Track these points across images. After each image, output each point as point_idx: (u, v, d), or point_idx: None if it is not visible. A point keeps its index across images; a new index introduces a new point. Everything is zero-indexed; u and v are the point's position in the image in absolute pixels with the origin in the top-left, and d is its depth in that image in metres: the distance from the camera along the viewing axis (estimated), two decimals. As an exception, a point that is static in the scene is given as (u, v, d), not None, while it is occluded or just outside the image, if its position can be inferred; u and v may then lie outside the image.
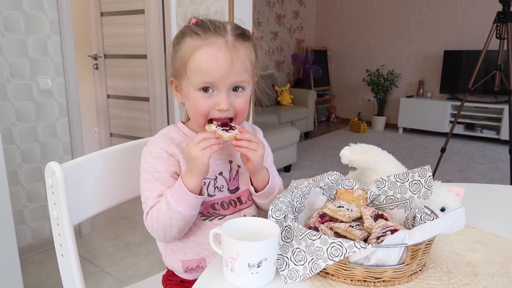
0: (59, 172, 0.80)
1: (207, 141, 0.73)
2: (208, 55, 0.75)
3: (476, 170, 3.79)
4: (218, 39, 0.75)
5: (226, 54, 0.75)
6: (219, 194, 0.84)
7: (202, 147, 0.72)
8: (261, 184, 0.83)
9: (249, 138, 0.76)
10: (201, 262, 0.85)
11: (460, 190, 0.79)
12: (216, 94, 0.77)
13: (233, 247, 0.58)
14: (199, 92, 0.78)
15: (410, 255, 0.57)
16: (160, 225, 0.77)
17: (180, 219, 0.76)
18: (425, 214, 0.65)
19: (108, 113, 3.33)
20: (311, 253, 0.60)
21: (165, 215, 0.76)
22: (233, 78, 0.76)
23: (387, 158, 0.87)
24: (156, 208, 0.78)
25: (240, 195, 0.86)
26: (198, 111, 0.79)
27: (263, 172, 0.82)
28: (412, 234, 0.56)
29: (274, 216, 0.66)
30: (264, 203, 0.86)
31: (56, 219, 0.83)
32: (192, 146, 0.73)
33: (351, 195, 0.78)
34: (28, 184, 2.12)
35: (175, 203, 0.74)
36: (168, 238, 0.80)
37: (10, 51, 1.98)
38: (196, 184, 0.75)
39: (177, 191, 0.75)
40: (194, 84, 0.77)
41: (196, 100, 0.78)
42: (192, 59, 0.76)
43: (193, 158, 0.73)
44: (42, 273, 1.98)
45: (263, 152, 0.78)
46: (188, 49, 0.77)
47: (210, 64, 0.75)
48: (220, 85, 0.76)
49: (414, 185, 0.75)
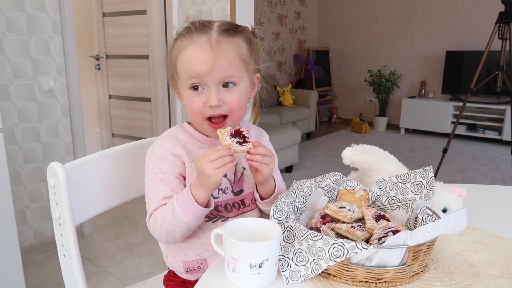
0: (61, 172, 0.80)
1: (221, 160, 0.71)
2: (191, 53, 0.77)
3: (478, 171, 3.78)
4: (201, 37, 0.77)
5: (208, 50, 0.76)
6: (223, 196, 0.84)
7: (216, 166, 0.70)
8: (267, 193, 0.83)
9: (263, 152, 0.75)
10: (203, 263, 0.85)
11: (462, 191, 0.79)
12: (206, 91, 0.78)
13: (235, 248, 0.58)
14: (190, 90, 0.79)
15: (412, 256, 0.57)
16: (163, 230, 0.78)
17: (185, 227, 0.76)
18: (426, 215, 0.65)
19: (110, 114, 3.33)
20: (313, 253, 0.60)
21: (170, 222, 0.76)
22: (219, 74, 0.77)
23: (389, 159, 0.87)
24: (160, 213, 0.78)
25: (244, 197, 0.86)
26: (192, 110, 0.80)
27: (270, 181, 0.83)
28: (414, 235, 0.56)
29: (276, 217, 0.66)
30: (268, 209, 0.85)
31: (58, 219, 0.83)
32: (206, 164, 0.71)
33: (353, 196, 0.78)
34: (30, 184, 2.13)
35: (182, 212, 0.74)
36: (170, 241, 0.81)
37: (12, 51, 1.98)
38: (205, 197, 0.74)
39: (185, 201, 0.75)
40: (184, 83, 0.79)
41: (189, 99, 0.80)
42: (179, 59, 0.79)
43: (206, 176, 0.71)
44: (44, 273, 1.99)
45: (274, 165, 0.78)
46: (176, 51, 0.80)
47: (194, 61, 0.77)
48: (207, 81, 0.77)
49: (416, 186, 0.75)
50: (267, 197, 0.84)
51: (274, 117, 4.41)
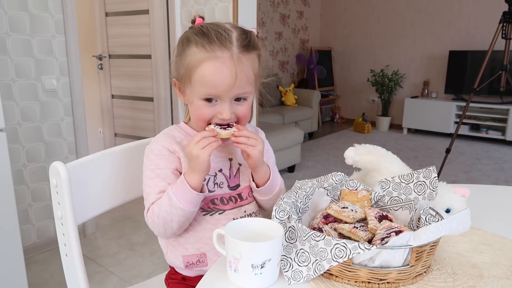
0: (63, 172, 0.80)
1: (206, 139, 0.75)
2: (213, 69, 0.76)
3: (481, 171, 3.77)
4: (223, 52, 0.76)
5: (231, 68, 0.75)
6: (219, 190, 0.85)
7: (202, 146, 0.75)
8: (262, 180, 0.85)
9: (247, 134, 0.78)
10: (202, 257, 0.86)
11: (465, 191, 0.79)
12: (219, 104, 0.79)
13: (237, 248, 0.58)
14: (202, 101, 0.79)
15: (415, 256, 0.57)
16: (161, 220, 0.79)
17: (181, 215, 0.78)
18: (430, 215, 0.64)
19: (112, 113, 3.34)
20: (315, 254, 0.59)
21: (167, 211, 0.77)
22: (237, 90, 0.78)
23: (392, 159, 0.87)
24: (157, 204, 0.80)
25: (240, 191, 0.87)
26: (200, 118, 0.81)
27: (264, 168, 0.84)
28: (417, 235, 0.56)
29: (278, 217, 0.65)
30: (265, 200, 0.87)
31: (60, 218, 0.83)
32: (192, 146, 0.75)
33: (356, 196, 0.78)
34: (33, 184, 2.13)
35: (177, 199, 0.76)
36: (168, 233, 0.82)
37: (15, 51, 1.99)
38: (198, 181, 0.76)
39: (179, 188, 0.77)
40: (198, 94, 0.79)
41: (199, 108, 0.80)
42: (198, 71, 0.77)
43: (194, 157, 0.75)
44: (47, 272, 1.99)
45: (262, 147, 0.80)
46: (194, 61, 0.78)
47: (215, 78, 0.76)
48: (223, 97, 0.78)
49: (419, 186, 0.74)
50: (262, 185, 0.85)
51: (276, 117, 4.41)
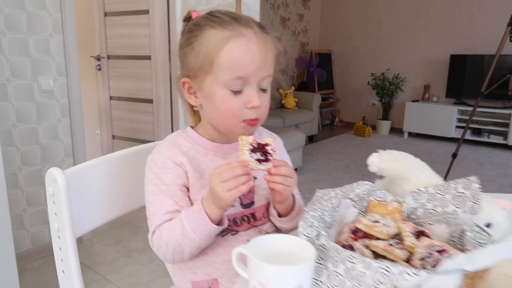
0: (61, 179, 0.72)
1: (235, 180, 0.63)
2: (241, 46, 0.68)
3: (485, 176, 3.71)
4: (247, 29, 0.68)
5: (259, 44, 0.68)
6: (231, 210, 0.75)
7: (229, 187, 0.63)
8: (285, 210, 0.76)
9: (285, 173, 0.67)
10: (213, 284, 0.76)
11: (506, 203, 0.71)
12: (246, 91, 0.70)
13: (264, 272, 0.50)
14: (226, 90, 0.69)
15: (469, 282, 0.50)
16: (170, 249, 0.70)
17: (195, 247, 0.69)
18: (476, 232, 0.57)
19: (110, 115, 3.26)
20: (352, 278, 0.52)
21: (178, 241, 0.68)
22: (265, 72, 0.70)
23: (421, 166, 0.80)
24: (167, 231, 0.70)
25: (254, 211, 0.78)
26: (228, 111, 0.70)
27: (289, 199, 0.75)
28: (471, 258, 0.48)
29: (306, 234, 0.58)
30: (286, 228, 0.78)
31: (57, 231, 0.75)
32: (218, 183, 0.63)
33: (385, 208, 0.70)
34: (27, 188, 2.05)
35: (193, 231, 0.67)
36: (177, 261, 0.73)
37: (11, 50, 1.91)
38: (219, 214, 0.67)
39: (196, 217, 0.67)
40: (223, 80, 0.69)
41: (224, 100, 0.70)
42: (222, 53, 0.68)
43: (216, 196, 0.64)
44: (41, 280, 1.91)
45: (295, 185, 0.70)
46: (215, 43, 0.68)
47: (245, 56, 0.68)
48: (251, 80, 0.69)
49: (457, 198, 0.67)
50: (285, 215, 0.76)
51: (276, 119, 4.35)
